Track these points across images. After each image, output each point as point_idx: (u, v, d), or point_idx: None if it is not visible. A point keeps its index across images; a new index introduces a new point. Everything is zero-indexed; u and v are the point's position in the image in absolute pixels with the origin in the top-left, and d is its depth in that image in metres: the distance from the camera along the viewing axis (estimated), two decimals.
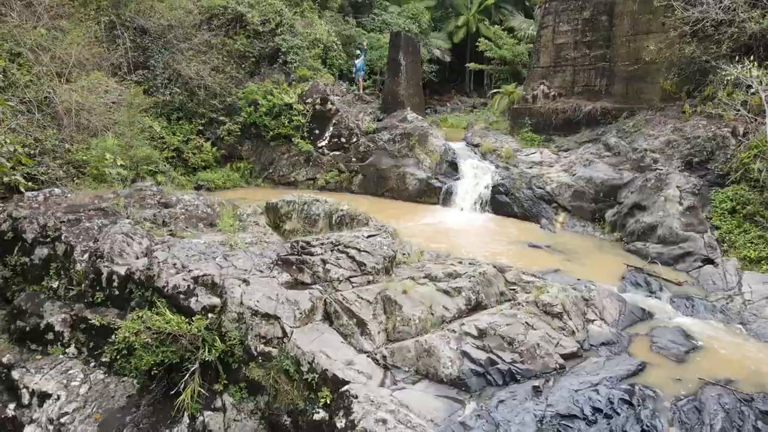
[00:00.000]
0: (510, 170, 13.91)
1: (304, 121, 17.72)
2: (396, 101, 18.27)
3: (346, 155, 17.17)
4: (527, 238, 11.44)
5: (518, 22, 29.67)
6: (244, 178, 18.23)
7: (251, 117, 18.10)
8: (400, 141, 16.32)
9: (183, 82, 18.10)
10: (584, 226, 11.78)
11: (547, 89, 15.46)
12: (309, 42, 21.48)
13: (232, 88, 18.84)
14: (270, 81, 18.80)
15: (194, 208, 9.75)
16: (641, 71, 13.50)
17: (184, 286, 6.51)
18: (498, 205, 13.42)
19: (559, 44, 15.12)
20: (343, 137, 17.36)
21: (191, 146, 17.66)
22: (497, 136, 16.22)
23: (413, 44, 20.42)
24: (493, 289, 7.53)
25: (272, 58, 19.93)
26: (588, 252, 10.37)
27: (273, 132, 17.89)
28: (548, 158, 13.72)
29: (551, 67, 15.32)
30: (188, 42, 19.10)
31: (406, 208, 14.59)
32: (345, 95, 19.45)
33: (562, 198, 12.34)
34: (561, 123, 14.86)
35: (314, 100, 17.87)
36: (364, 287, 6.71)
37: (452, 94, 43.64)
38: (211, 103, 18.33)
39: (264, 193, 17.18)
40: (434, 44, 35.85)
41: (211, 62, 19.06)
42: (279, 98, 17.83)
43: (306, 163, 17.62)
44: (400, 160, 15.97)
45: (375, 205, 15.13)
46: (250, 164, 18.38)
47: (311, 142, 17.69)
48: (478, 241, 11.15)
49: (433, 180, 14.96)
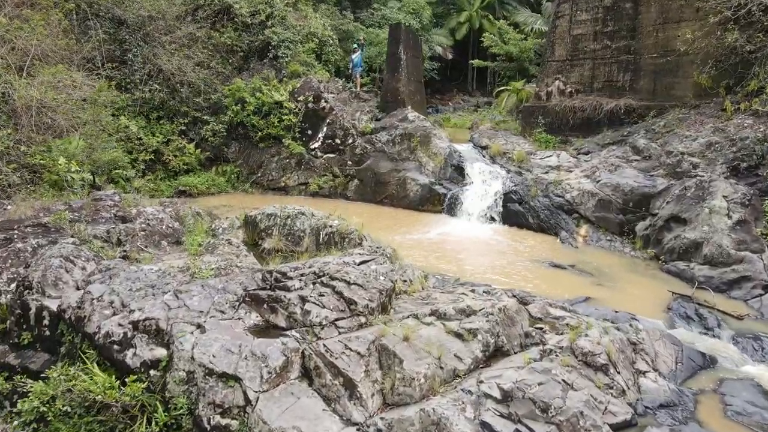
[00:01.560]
0: (523, 175, 12.42)
1: (295, 120, 16.24)
2: (396, 99, 16.78)
3: (341, 158, 15.68)
4: (546, 254, 9.95)
5: (524, 17, 28.20)
6: (230, 183, 16.75)
7: (238, 116, 16.62)
8: (401, 142, 14.83)
9: (164, 78, 16.64)
10: (611, 241, 10.29)
11: (563, 85, 13.98)
12: (302, 36, 20.01)
13: (218, 84, 17.36)
14: (259, 77, 17.33)
15: (157, 222, 8.26)
16: (671, 64, 12.02)
17: (120, 333, 5.01)
18: (510, 214, 11.93)
19: (576, 35, 13.64)
20: (338, 138, 15.87)
21: (172, 148, 16.17)
22: (507, 137, 14.73)
23: (414, 38, 18.95)
24: (516, 329, 6.04)
25: (262, 53, 18.46)
26: (620, 273, 8.87)
27: (262, 132, 16.42)
28: (566, 162, 12.23)
29: (568, 60, 13.85)
30: (171, 35, 17.62)
31: (406, 217, 13.10)
32: (340, 93, 17.97)
33: (584, 208, 10.85)
34: (579, 123, 13.37)
35: (307, 98, 16.39)
36: (353, 333, 5.21)
37: (454, 93, 42.15)
38: (194, 101, 16.85)
39: (251, 199, 15.71)
40: (436, 41, 34.38)
41: (196, 57, 17.57)
42: (268, 96, 16.36)
43: (297, 167, 16.13)
44: (400, 163, 14.48)
45: (372, 213, 13.65)
46: (237, 167, 16.90)
47: (303, 143, 16.21)
48: (491, 258, 9.66)
49: (436, 186, 13.47)
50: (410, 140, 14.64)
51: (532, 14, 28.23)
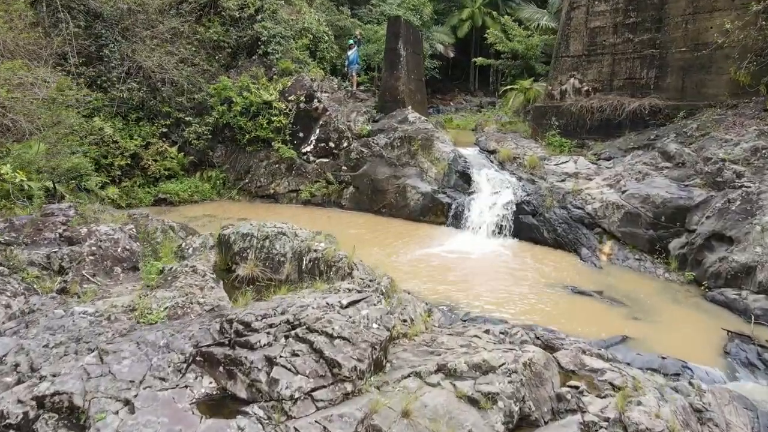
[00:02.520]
0: (537, 184, 11.13)
1: (285, 122, 14.95)
2: (395, 99, 15.48)
3: (335, 163, 14.38)
4: (567, 276, 8.67)
5: (530, 12, 26.90)
6: (215, 190, 15.46)
7: (224, 117, 15.33)
8: (400, 146, 13.53)
9: (145, 76, 15.35)
10: (640, 260, 8.99)
11: (578, 83, 12.68)
12: (295, 32, 18.72)
13: (203, 83, 16.07)
14: (248, 75, 16.04)
15: (111, 244, 6.96)
16: (703, 59, 10.74)
17: (19, 414, 3.71)
18: (523, 228, 10.64)
19: (594, 28, 12.35)
20: (332, 141, 14.57)
21: (152, 152, 14.88)
22: (517, 140, 13.43)
23: (415, 33, 17.65)
24: (546, 389, 4.76)
25: (251, 49, 17.17)
26: (657, 303, 7.58)
27: (249, 135, 15.12)
28: (585, 169, 10.94)
29: (584, 56, 12.55)
30: (152, 30, 16.33)
31: (406, 230, 11.80)
32: (335, 92, 16.68)
33: (608, 221, 9.55)
34: (597, 124, 12.08)
35: (298, 98, 15.09)
36: (336, 409, 3.93)
37: (456, 93, 40.82)
38: (177, 101, 15.56)
39: (238, 207, 14.42)
40: (437, 39, 33.13)
41: (179, 53, 16.28)
42: (257, 95, 15.06)
43: (288, 172, 14.83)
44: (400, 169, 13.19)
45: (368, 225, 12.36)
46: (223, 173, 15.61)
47: (294, 147, 14.91)
48: (503, 282, 8.37)
49: (439, 194, 12.17)
50: (410, 144, 13.34)
51: (537, 10, 26.92)
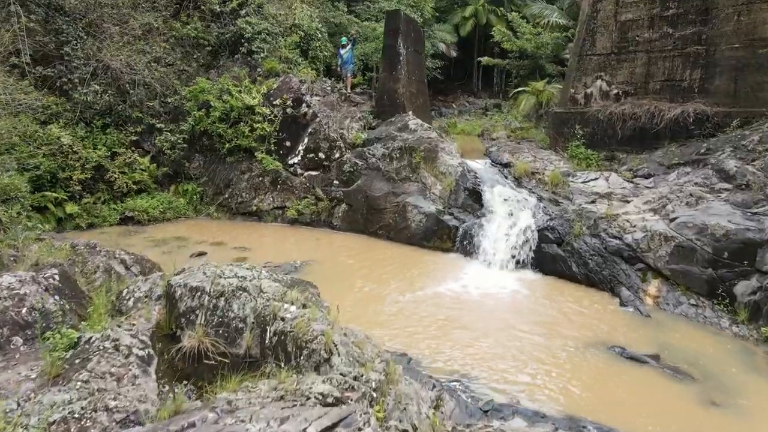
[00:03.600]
0: (561, 205, 9.39)
1: (270, 129, 13.21)
2: (394, 103, 13.75)
3: (326, 176, 12.64)
4: (608, 329, 6.94)
5: (539, 8, 25.12)
6: (192, 205, 13.72)
7: (202, 123, 13.60)
8: (399, 158, 11.80)
9: (113, 78, 13.63)
10: (697, 306, 7.25)
11: (606, 86, 10.94)
12: (285, 28, 16.99)
13: (179, 85, 14.34)
14: (229, 76, 14.31)
15: (14, 303, 5.20)
16: (761, 58, 9.01)
17: None
18: (546, 260, 8.91)
19: (625, 21, 10.62)
20: (322, 152, 12.83)
21: (119, 163, 13.16)
22: (534, 151, 11.69)
23: (416, 29, 15.92)
24: None
25: (234, 47, 15.44)
26: (734, 374, 5.84)
27: (230, 144, 13.39)
28: (620, 188, 9.21)
29: (613, 54, 10.82)
30: (122, 25, 14.61)
31: (406, 257, 10.07)
32: (327, 95, 14.93)
33: (653, 256, 7.81)
34: (630, 134, 10.35)
35: (284, 102, 13.36)
36: None
37: (458, 94, 39.00)
38: (148, 105, 13.84)
39: (216, 228, 12.66)
40: (438, 37, 31.34)
41: (153, 51, 14.56)
42: (238, 99, 13.33)
43: (272, 187, 13.10)
44: (400, 185, 11.45)
45: (362, 251, 10.62)
46: (201, 186, 13.87)
47: (280, 157, 13.18)
48: (527, 338, 6.63)
49: (445, 216, 10.44)
50: (411, 155, 11.60)
51: (546, 6, 25.17)
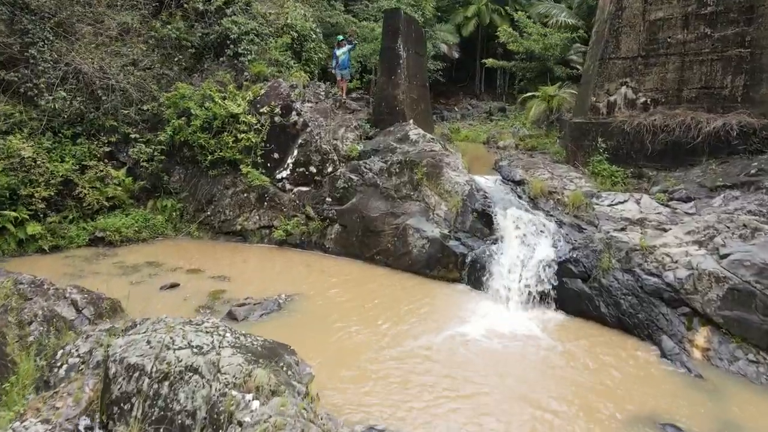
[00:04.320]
0: (586, 232, 8.14)
1: (256, 140, 11.97)
2: (393, 110, 12.51)
3: (318, 193, 11.40)
4: (650, 395, 5.70)
5: (546, 7, 23.89)
6: (170, 223, 12.47)
7: (182, 133, 12.35)
8: (399, 173, 10.56)
9: (85, 83, 12.40)
10: (758, 363, 6.01)
11: (632, 93, 9.70)
12: (276, 28, 15.76)
13: (157, 90, 13.09)
14: (213, 81, 13.07)
15: None
16: None
17: None
18: (570, 297, 7.66)
19: (655, 21, 9.38)
20: (314, 165, 11.59)
21: (90, 177, 11.92)
22: (550, 166, 10.43)
23: (417, 29, 14.67)
24: None
25: (220, 49, 14.19)
26: None
27: (213, 156, 12.15)
28: (654, 213, 7.95)
29: (641, 57, 9.58)
30: (97, 25, 13.38)
31: (406, 290, 8.83)
32: (321, 101, 13.68)
33: (701, 300, 6.56)
34: (661, 148, 9.10)
35: (272, 109, 12.12)
36: None
37: (460, 97, 37.76)
38: (124, 113, 12.59)
39: (196, 249, 11.41)
40: (440, 38, 30.07)
41: (130, 54, 13.33)
42: (221, 106, 12.08)
43: (259, 204, 11.85)
44: (399, 204, 10.20)
45: (356, 281, 9.37)
46: (181, 202, 12.62)
47: (267, 171, 11.94)
48: (550, 415, 5.38)
49: (451, 241, 9.19)
50: (412, 170, 10.36)
51: (554, 4, 23.92)
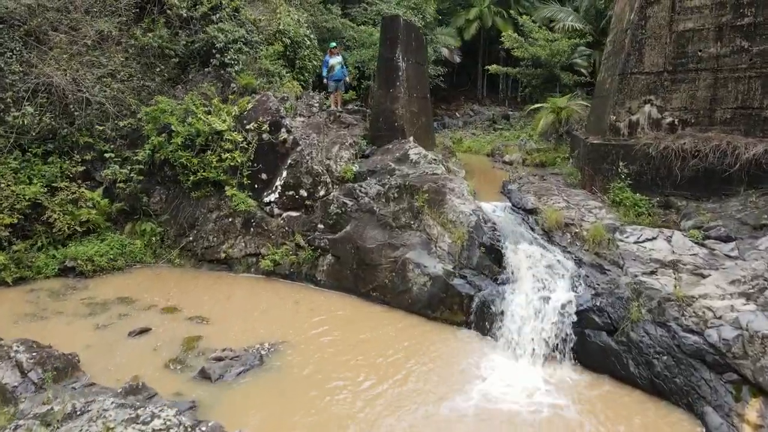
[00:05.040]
0: (609, 274, 7.15)
1: (242, 159, 10.99)
2: (391, 126, 11.53)
3: (309, 219, 10.40)
4: None
5: (551, 12, 22.89)
6: (150, 249, 11.47)
7: (163, 151, 11.36)
8: (398, 199, 9.57)
9: (58, 96, 11.43)
10: None
11: (657, 112, 8.71)
12: (267, 35, 14.79)
13: (136, 104, 12.09)
14: (197, 93, 12.08)
15: None
16: None
17: None
18: (593, 353, 6.67)
19: (683, 32, 8.40)
20: (304, 188, 10.60)
21: (61, 199, 10.95)
22: (566, 192, 9.43)
23: (418, 36, 13.69)
24: None
25: (206, 58, 13.20)
26: None
27: (195, 176, 11.16)
28: (688, 253, 6.97)
29: (667, 73, 8.60)
30: (72, 33, 12.41)
31: (404, 336, 7.85)
32: (313, 115, 12.71)
33: (752, 366, 5.57)
34: (692, 176, 8.11)
35: (260, 126, 11.13)
36: None
37: (462, 101, 36.76)
38: (98, 129, 11.61)
39: (176, 280, 10.40)
40: (441, 42, 28.99)
41: (109, 64, 12.36)
42: (204, 122, 11.10)
43: (245, 230, 10.86)
44: (398, 233, 9.21)
45: (350, 321, 8.39)
46: (162, 226, 11.62)
47: (254, 194, 10.96)
48: None
49: (456, 279, 8.21)
50: (413, 196, 9.37)
51: (561, 8, 22.93)
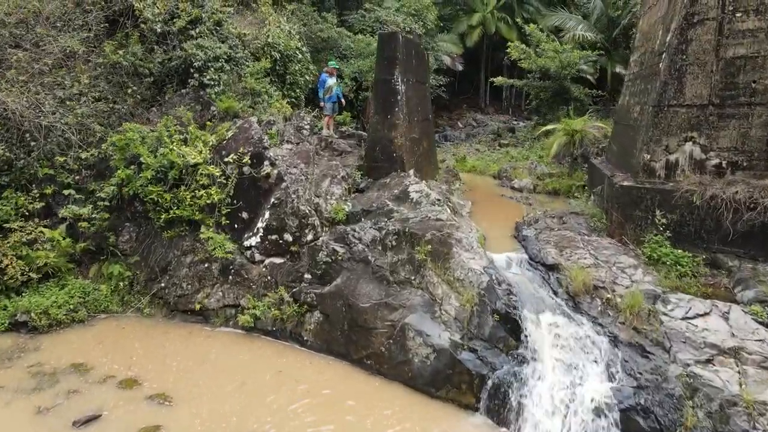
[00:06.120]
0: (652, 359, 5.86)
1: (220, 196, 9.69)
2: (389, 157, 10.25)
3: (294, 267, 9.10)
4: None
5: (560, 20, 21.60)
6: (117, 295, 10.17)
7: (131, 185, 10.06)
8: (396, 247, 8.27)
9: (14, 122, 10.15)
10: None
11: (701, 152, 7.42)
12: (255, 49, 13.52)
13: (103, 131, 10.80)
14: (173, 118, 10.79)
15: None
16: None
17: None
18: None
19: (733, 59, 7.12)
20: (289, 232, 9.29)
21: (14, 241, 9.64)
22: (590, 241, 8.11)
23: (419, 53, 12.39)
24: None
25: (184, 78, 11.91)
26: None
27: (168, 214, 9.86)
28: (752, 338, 5.68)
29: (712, 106, 7.32)
30: (33, 50, 11.13)
31: (402, 417, 6.54)
32: (302, 141, 11.41)
33: None
34: (746, 231, 6.81)
35: (240, 158, 9.83)
36: None
37: (463, 110, 35.41)
38: (59, 161, 10.33)
39: (142, 335, 9.07)
40: (443, 49, 27.74)
41: (75, 86, 11.07)
42: (177, 153, 9.81)
43: (222, 277, 9.55)
44: (396, 291, 7.91)
45: (339, 399, 7.08)
46: (131, 268, 10.30)
47: (234, 234, 9.67)
48: None
49: (464, 353, 6.91)
50: (413, 246, 8.08)
51: (570, 15, 21.63)
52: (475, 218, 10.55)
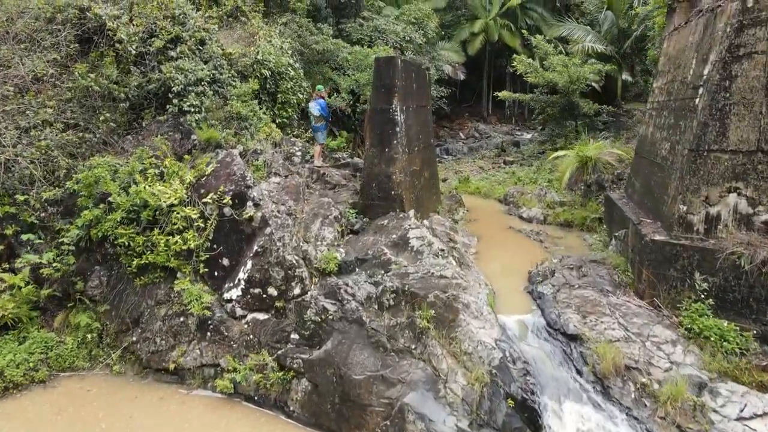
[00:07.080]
0: None
1: (198, 241, 8.66)
2: (387, 194, 9.22)
3: (279, 326, 8.07)
4: None
5: (567, 30, 20.57)
6: (85, 348, 9.14)
7: (100, 226, 9.04)
8: (394, 307, 7.25)
9: None
10: None
11: (747, 206, 6.41)
12: (242, 67, 12.52)
13: (68, 165, 9.77)
14: (147, 150, 9.76)
15: None
16: None
17: None
18: None
19: None
20: (274, 285, 8.25)
21: None
22: (616, 304, 7.08)
23: (419, 74, 11.36)
24: None
25: (164, 102, 10.88)
26: None
27: (140, 259, 8.84)
28: None
29: (762, 153, 6.30)
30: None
31: None
32: (291, 174, 10.38)
33: None
34: None
35: (220, 197, 8.80)
36: None
37: (465, 119, 34.39)
38: (20, 198, 9.30)
39: (105, 408, 7.95)
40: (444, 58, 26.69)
41: (41, 113, 10.05)
42: (149, 192, 8.78)
43: (200, 333, 8.53)
44: (394, 361, 6.89)
45: None
46: (100, 318, 9.28)
47: (213, 283, 8.64)
48: None
49: None
50: (414, 308, 7.05)
51: (578, 26, 20.60)
52: (482, 260, 9.54)
